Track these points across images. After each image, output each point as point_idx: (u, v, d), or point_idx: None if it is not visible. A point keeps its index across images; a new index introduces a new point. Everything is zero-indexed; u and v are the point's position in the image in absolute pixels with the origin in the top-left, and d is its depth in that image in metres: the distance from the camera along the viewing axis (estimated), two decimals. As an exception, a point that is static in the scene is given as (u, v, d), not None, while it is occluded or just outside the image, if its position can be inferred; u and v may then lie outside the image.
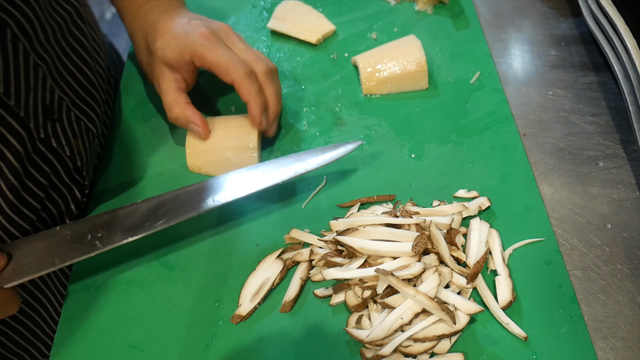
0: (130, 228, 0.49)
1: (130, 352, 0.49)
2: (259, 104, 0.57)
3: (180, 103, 0.59)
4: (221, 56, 0.56)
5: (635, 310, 0.48)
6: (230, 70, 0.56)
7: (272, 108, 0.59)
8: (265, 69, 0.58)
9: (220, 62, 0.56)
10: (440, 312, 0.45)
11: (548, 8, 0.76)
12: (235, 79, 0.56)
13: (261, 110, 0.57)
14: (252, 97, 0.57)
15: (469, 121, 0.63)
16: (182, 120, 0.59)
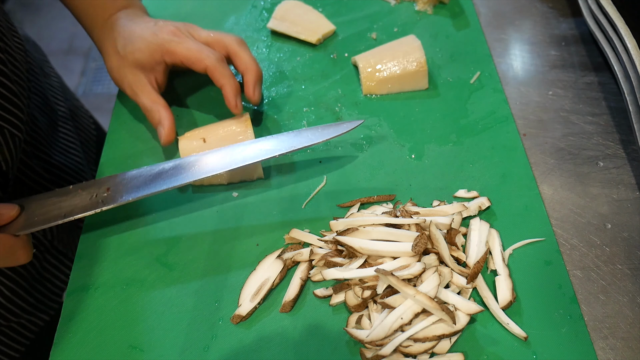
0: (133, 189, 0.52)
1: (130, 352, 0.49)
2: (233, 86, 0.58)
3: (159, 103, 0.60)
4: (190, 48, 0.58)
5: (635, 310, 0.48)
6: (202, 58, 0.58)
7: (251, 71, 0.60)
8: (235, 40, 0.60)
9: (191, 53, 0.58)
10: (440, 312, 0.45)
11: (548, 8, 0.76)
12: (208, 65, 0.58)
13: (236, 93, 0.59)
14: (226, 80, 0.58)
15: (469, 121, 0.63)
16: (155, 120, 0.60)
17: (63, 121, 0.78)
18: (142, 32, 0.60)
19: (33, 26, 2.45)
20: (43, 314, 0.72)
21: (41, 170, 0.68)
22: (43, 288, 0.71)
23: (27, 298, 0.68)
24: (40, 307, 0.71)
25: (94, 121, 0.90)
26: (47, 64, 0.83)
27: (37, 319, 0.72)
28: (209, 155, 0.54)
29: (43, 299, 0.71)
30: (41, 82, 0.75)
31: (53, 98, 0.78)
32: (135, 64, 0.60)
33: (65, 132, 0.77)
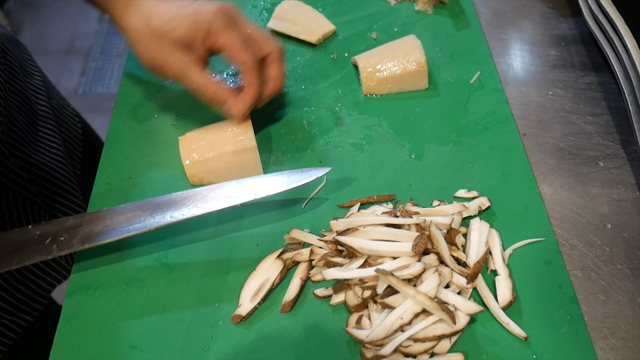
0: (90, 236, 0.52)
1: (130, 352, 0.49)
2: (256, 93, 0.58)
3: (212, 83, 0.58)
4: (235, 40, 0.56)
5: (635, 310, 0.48)
6: (243, 55, 0.56)
7: (273, 86, 0.60)
8: (276, 50, 0.59)
9: (234, 46, 0.56)
10: (440, 312, 0.45)
11: (548, 8, 0.76)
12: (246, 64, 0.57)
13: (254, 102, 0.58)
14: (254, 86, 0.58)
15: (469, 121, 0.63)
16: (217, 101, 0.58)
17: (44, 120, 0.76)
18: (181, 10, 0.57)
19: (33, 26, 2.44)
20: (26, 314, 0.71)
21: (19, 170, 0.67)
22: (26, 289, 0.70)
23: (9, 299, 0.67)
24: (23, 307, 0.70)
25: (80, 119, 0.89)
26: (31, 63, 0.81)
27: (20, 320, 0.70)
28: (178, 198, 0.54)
29: (26, 299, 0.70)
30: (21, 82, 0.74)
31: (34, 97, 0.77)
32: (179, 42, 0.57)
33: (47, 131, 0.76)
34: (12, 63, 0.74)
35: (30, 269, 0.70)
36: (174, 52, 0.57)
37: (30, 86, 0.78)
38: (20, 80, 0.74)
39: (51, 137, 0.76)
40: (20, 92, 0.73)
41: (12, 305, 0.68)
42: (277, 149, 0.63)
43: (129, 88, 0.71)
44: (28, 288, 0.71)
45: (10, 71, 0.72)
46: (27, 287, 0.70)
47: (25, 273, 0.70)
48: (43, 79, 0.83)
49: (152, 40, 0.58)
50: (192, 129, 0.65)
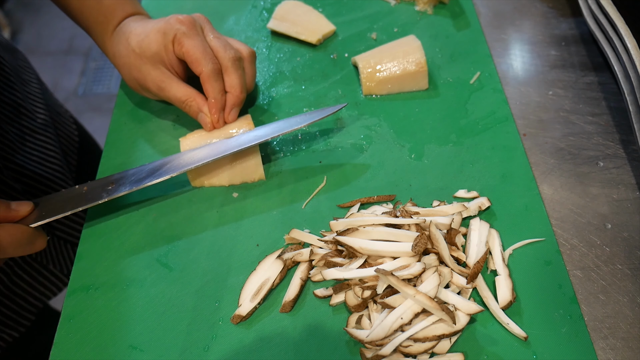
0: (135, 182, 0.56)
1: (130, 352, 0.49)
2: (219, 102, 0.59)
3: (192, 92, 0.60)
4: (197, 47, 0.58)
5: (635, 310, 0.48)
6: (201, 63, 0.58)
7: (231, 95, 0.60)
8: (232, 56, 0.59)
9: (195, 53, 0.58)
10: (440, 312, 0.45)
11: (548, 8, 0.76)
12: (203, 72, 0.58)
13: (219, 109, 0.59)
14: (212, 96, 0.59)
15: (469, 121, 0.63)
16: (193, 110, 0.60)
17: (43, 129, 0.77)
18: (155, 25, 0.60)
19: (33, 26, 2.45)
20: (12, 330, 0.71)
21: (11, 182, 0.67)
22: (12, 304, 0.70)
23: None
24: (8, 322, 0.70)
25: (77, 127, 0.89)
26: (28, 71, 0.81)
27: (5, 335, 0.70)
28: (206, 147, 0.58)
29: (12, 314, 0.70)
30: (17, 91, 0.74)
31: (32, 106, 0.77)
32: (155, 58, 0.59)
33: (45, 139, 0.76)
34: (7, 73, 0.73)
35: (17, 283, 0.70)
36: (153, 69, 0.60)
37: (28, 94, 0.77)
38: (17, 89, 0.74)
39: (49, 145, 0.76)
40: (14, 103, 0.72)
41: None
42: (277, 149, 0.63)
43: (129, 89, 0.71)
44: (14, 303, 0.70)
45: (5, 82, 0.72)
46: (13, 301, 0.70)
47: (12, 288, 0.69)
48: (40, 86, 0.82)
49: (133, 61, 0.61)
50: (192, 129, 0.65)
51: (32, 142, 0.74)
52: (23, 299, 0.71)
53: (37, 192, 0.72)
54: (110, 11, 0.63)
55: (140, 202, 0.59)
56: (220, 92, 0.59)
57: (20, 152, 0.71)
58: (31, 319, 0.72)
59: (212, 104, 0.59)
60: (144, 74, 0.61)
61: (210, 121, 0.59)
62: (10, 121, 0.71)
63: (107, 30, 0.64)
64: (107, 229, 0.57)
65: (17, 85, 0.74)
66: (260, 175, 0.60)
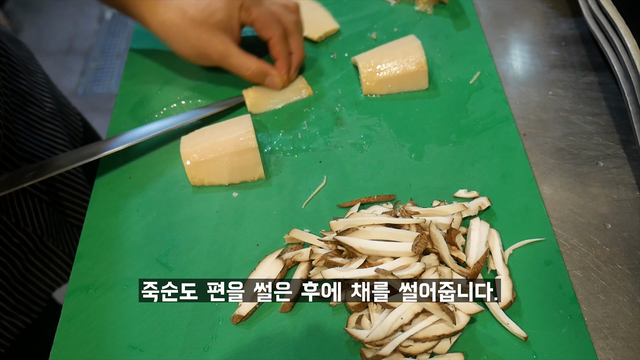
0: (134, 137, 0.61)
1: (130, 352, 0.49)
2: (286, 63, 0.65)
3: (253, 61, 0.63)
4: (266, 14, 0.62)
5: (635, 310, 0.48)
6: (271, 28, 0.62)
7: (297, 55, 0.66)
8: (294, 19, 0.65)
9: (264, 20, 0.62)
10: (440, 312, 0.45)
11: (548, 8, 0.76)
12: (273, 36, 0.63)
13: (287, 69, 0.65)
14: (283, 58, 0.64)
15: (469, 121, 0.63)
16: (260, 76, 0.64)
17: (52, 117, 0.77)
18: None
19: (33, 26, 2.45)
20: (25, 316, 0.71)
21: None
22: (25, 290, 0.70)
23: (8, 299, 0.67)
24: (22, 309, 0.70)
25: (81, 118, 0.89)
26: (33, 61, 0.82)
27: (18, 321, 0.70)
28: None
29: (25, 300, 0.70)
30: (26, 80, 0.74)
31: (40, 95, 0.77)
32: (218, 25, 0.60)
33: (53, 127, 0.76)
34: (15, 62, 0.74)
35: (30, 269, 0.70)
36: (215, 36, 0.61)
37: (35, 84, 0.78)
38: (23, 78, 0.74)
39: (57, 133, 0.76)
40: (23, 92, 0.73)
41: (11, 306, 0.68)
42: (277, 149, 0.63)
43: (129, 88, 0.71)
44: (27, 289, 0.70)
45: (12, 71, 0.72)
46: (26, 287, 0.70)
47: (25, 274, 0.70)
48: (45, 77, 0.83)
49: (191, 30, 0.60)
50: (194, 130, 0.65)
51: (42, 129, 0.74)
52: (35, 285, 0.72)
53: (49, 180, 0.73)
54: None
55: (140, 202, 0.59)
56: (288, 54, 0.64)
57: (30, 139, 0.71)
58: (42, 305, 0.73)
59: (283, 65, 0.64)
60: (205, 43, 0.61)
61: (281, 81, 0.65)
62: (20, 109, 0.71)
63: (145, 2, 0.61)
64: (107, 228, 0.57)
65: (23, 74, 0.75)
66: (260, 174, 0.60)
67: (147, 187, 0.61)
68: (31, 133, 0.72)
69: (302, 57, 0.66)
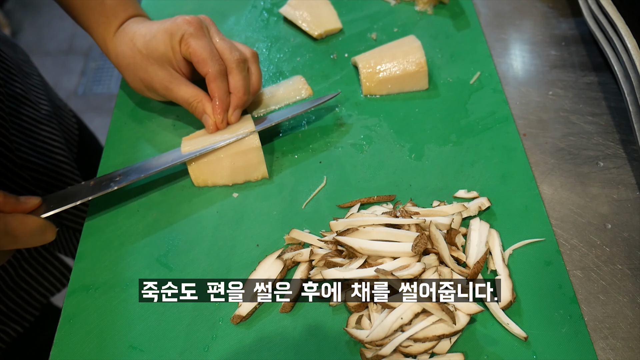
0: (142, 170, 0.58)
1: (130, 352, 0.49)
2: (222, 103, 0.59)
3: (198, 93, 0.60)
4: (204, 48, 0.58)
5: (635, 310, 0.48)
6: (207, 64, 0.58)
7: (235, 96, 0.60)
8: (237, 58, 0.60)
9: (202, 54, 0.58)
10: (440, 312, 0.45)
11: (548, 8, 0.76)
12: (210, 73, 0.58)
13: (224, 109, 0.60)
14: (217, 97, 0.59)
15: (469, 121, 0.63)
16: (199, 111, 0.60)
17: (47, 119, 0.77)
18: (162, 25, 0.60)
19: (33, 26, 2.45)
20: (16, 324, 0.70)
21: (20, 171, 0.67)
22: (17, 297, 0.69)
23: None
24: (13, 317, 0.69)
25: (77, 121, 0.89)
26: (29, 64, 0.82)
27: (9, 329, 0.70)
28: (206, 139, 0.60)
29: (17, 308, 0.70)
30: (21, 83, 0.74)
31: (36, 98, 0.77)
32: (162, 58, 0.60)
33: (50, 129, 0.76)
34: (9, 65, 0.73)
35: (23, 277, 0.70)
36: (160, 69, 0.60)
37: (31, 86, 0.77)
38: (18, 81, 0.74)
39: (53, 136, 0.76)
40: (18, 95, 0.73)
41: (2, 314, 0.68)
42: (277, 149, 0.63)
43: (129, 89, 0.71)
44: (20, 297, 0.70)
45: (7, 74, 0.72)
46: (19, 295, 0.70)
47: (18, 281, 0.69)
48: (41, 80, 0.83)
49: (139, 62, 0.61)
50: (192, 129, 0.65)
51: (37, 132, 0.74)
52: (28, 294, 0.71)
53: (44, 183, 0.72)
54: (113, 12, 0.63)
55: (141, 202, 0.59)
56: (225, 93, 0.59)
57: (25, 143, 0.71)
58: (35, 314, 0.72)
59: (217, 104, 0.59)
60: (151, 75, 0.61)
61: (214, 122, 0.59)
62: (15, 113, 0.71)
63: (109, 31, 0.63)
64: (107, 229, 0.57)
65: (19, 77, 0.75)
66: (263, 173, 0.60)
67: (147, 187, 0.61)
68: (26, 137, 0.71)
69: (241, 99, 0.60)
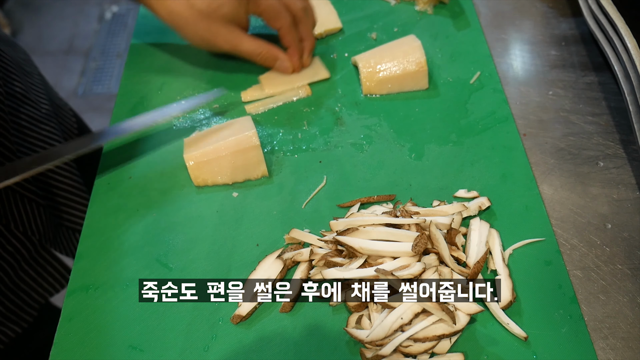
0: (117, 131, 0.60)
1: (130, 352, 0.49)
2: (297, 51, 0.66)
3: (263, 46, 0.65)
4: (272, 3, 0.63)
5: (635, 310, 0.48)
6: (280, 17, 0.63)
7: (308, 40, 0.67)
8: (302, 6, 0.65)
9: (273, 10, 0.63)
10: (440, 312, 0.45)
11: (548, 8, 0.76)
12: (283, 26, 0.64)
13: (299, 56, 0.66)
14: (293, 45, 0.66)
15: (469, 121, 0.63)
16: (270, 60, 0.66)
17: (47, 118, 0.76)
18: None
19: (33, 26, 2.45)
20: (14, 324, 0.70)
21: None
22: (16, 298, 0.69)
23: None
24: (11, 317, 0.69)
25: (77, 120, 0.89)
26: (29, 63, 0.81)
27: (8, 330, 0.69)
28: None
29: (15, 309, 0.69)
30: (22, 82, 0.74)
31: (36, 97, 0.76)
32: (226, 17, 0.62)
33: (49, 129, 0.76)
34: (8, 65, 0.73)
35: (22, 277, 0.70)
36: (223, 27, 0.63)
37: (32, 85, 0.77)
38: (19, 80, 0.74)
39: (53, 135, 0.76)
40: (18, 93, 0.72)
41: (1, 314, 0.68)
42: (277, 149, 0.63)
43: (129, 88, 0.71)
44: (19, 297, 0.70)
45: (6, 73, 0.72)
46: (17, 296, 0.69)
47: (17, 282, 0.69)
48: (41, 79, 0.82)
49: (199, 21, 0.62)
50: (192, 129, 0.65)
51: (37, 132, 0.73)
52: (27, 294, 0.71)
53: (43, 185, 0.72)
54: None
55: (140, 202, 0.59)
56: (298, 41, 0.65)
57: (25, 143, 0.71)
58: (34, 314, 0.72)
59: (294, 52, 0.65)
60: (214, 33, 0.63)
61: (291, 65, 0.66)
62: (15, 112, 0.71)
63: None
64: (107, 229, 0.57)
65: (18, 76, 0.74)
66: (263, 171, 0.60)
67: (147, 187, 0.61)
68: (25, 136, 0.71)
69: (313, 42, 0.67)
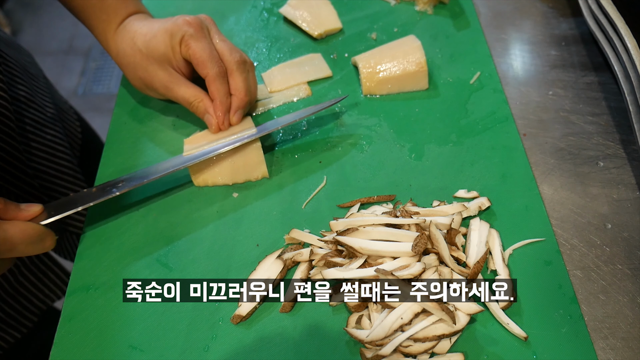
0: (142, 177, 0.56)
1: (130, 352, 0.49)
2: (223, 105, 0.59)
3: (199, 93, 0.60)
4: (204, 49, 0.58)
5: (635, 310, 0.48)
6: (207, 66, 0.58)
7: (236, 97, 0.60)
8: (238, 59, 0.60)
9: (202, 55, 0.58)
10: (440, 312, 0.45)
11: (548, 8, 0.76)
12: (209, 74, 0.59)
13: (224, 111, 0.60)
14: (218, 99, 0.59)
15: (469, 121, 0.63)
16: (201, 110, 0.60)
17: (52, 122, 0.76)
18: (162, 25, 0.60)
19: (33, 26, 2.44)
20: (14, 330, 0.70)
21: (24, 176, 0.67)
22: (16, 304, 0.69)
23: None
24: (11, 323, 0.69)
25: (80, 124, 0.89)
26: (34, 66, 0.81)
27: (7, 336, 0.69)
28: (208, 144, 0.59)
29: (15, 314, 0.69)
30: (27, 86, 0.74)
31: (41, 100, 0.76)
32: (162, 58, 0.60)
33: (54, 133, 0.76)
34: (13, 68, 0.73)
35: (23, 283, 0.70)
36: (160, 68, 0.60)
37: (37, 89, 0.77)
38: (24, 84, 0.74)
39: (57, 139, 0.76)
40: (22, 97, 0.72)
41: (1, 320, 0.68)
42: (277, 149, 0.63)
43: (129, 88, 0.71)
44: (19, 303, 0.70)
45: (11, 77, 0.72)
46: (18, 302, 0.69)
47: (17, 287, 0.69)
48: (46, 82, 0.82)
49: (139, 61, 0.61)
50: (193, 128, 0.65)
51: (43, 136, 0.74)
52: (27, 300, 0.71)
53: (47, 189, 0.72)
54: (114, 9, 0.63)
55: (140, 202, 0.59)
56: (225, 95, 0.59)
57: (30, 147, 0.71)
58: (34, 320, 0.72)
59: (218, 106, 0.59)
60: (151, 74, 0.61)
61: (216, 122, 0.59)
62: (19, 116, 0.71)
63: (110, 29, 0.63)
64: (107, 229, 0.57)
65: (24, 80, 0.74)
66: (263, 172, 0.60)
67: (147, 187, 0.61)
68: (29, 141, 0.71)
69: (242, 100, 0.60)
